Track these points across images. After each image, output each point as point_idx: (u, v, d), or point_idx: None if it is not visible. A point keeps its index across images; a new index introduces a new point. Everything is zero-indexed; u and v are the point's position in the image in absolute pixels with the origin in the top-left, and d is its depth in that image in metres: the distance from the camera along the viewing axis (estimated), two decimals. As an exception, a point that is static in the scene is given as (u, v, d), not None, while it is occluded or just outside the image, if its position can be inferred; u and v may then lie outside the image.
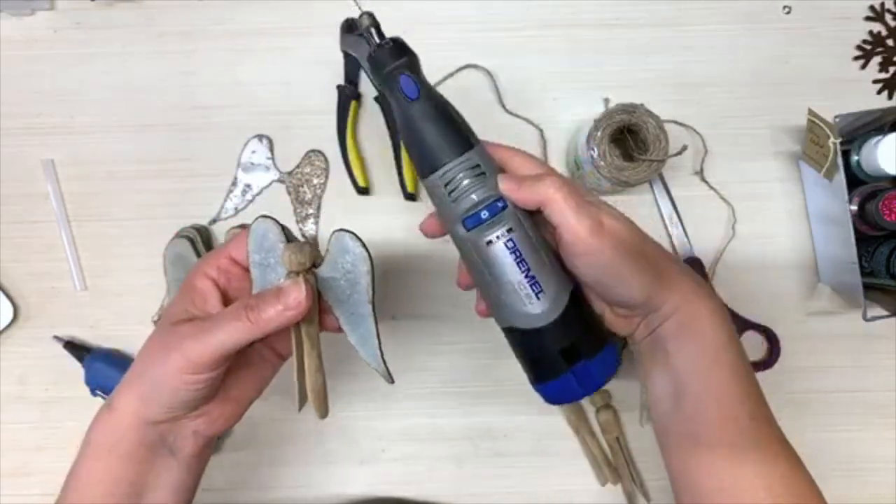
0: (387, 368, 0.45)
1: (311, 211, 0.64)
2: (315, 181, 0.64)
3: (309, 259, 0.42)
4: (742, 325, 0.63)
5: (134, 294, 0.63)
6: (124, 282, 0.64)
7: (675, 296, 0.41)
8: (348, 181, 0.64)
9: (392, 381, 0.46)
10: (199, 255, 0.60)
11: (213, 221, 0.64)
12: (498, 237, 0.41)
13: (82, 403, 0.62)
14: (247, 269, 0.44)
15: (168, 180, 0.64)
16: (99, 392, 0.61)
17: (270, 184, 0.64)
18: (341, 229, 0.43)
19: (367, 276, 0.43)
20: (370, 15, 0.42)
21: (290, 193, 0.64)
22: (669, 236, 0.64)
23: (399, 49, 0.42)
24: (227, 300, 0.43)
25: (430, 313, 0.64)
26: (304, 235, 0.64)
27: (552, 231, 0.41)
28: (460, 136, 0.42)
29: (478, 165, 0.41)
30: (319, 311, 0.45)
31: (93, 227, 0.64)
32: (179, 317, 0.42)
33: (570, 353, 0.42)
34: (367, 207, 0.64)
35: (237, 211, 0.64)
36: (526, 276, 0.41)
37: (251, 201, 0.64)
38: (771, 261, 0.64)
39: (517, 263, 0.41)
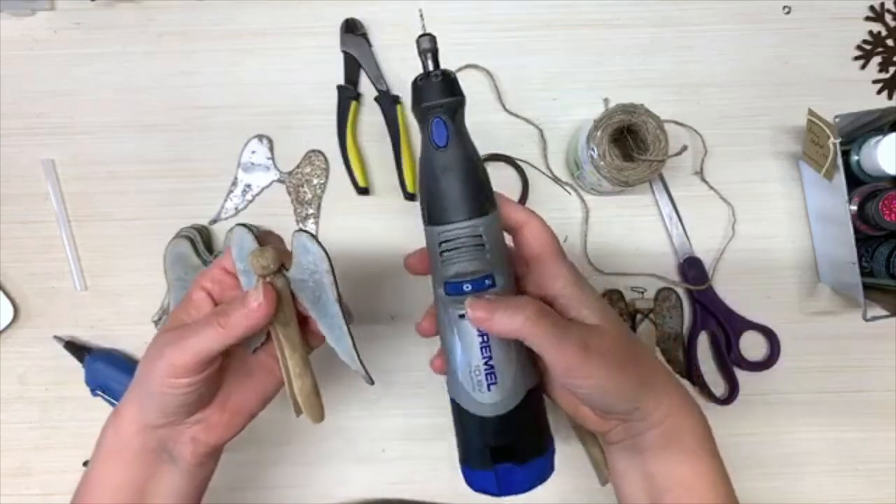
0: (364, 368, 0.45)
1: (311, 211, 0.64)
2: (315, 181, 0.64)
3: (273, 262, 0.42)
4: (742, 325, 0.63)
5: (134, 294, 0.63)
6: (124, 282, 0.64)
7: (663, 406, 0.41)
8: (348, 181, 0.64)
9: (372, 382, 0.46)
10: (199, 254, 0.60)
11: (213, 221, 0.64)
12: None
13: (82, 403, 0.62)
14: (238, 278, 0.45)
15: (168, 180, 0.64)
16: (99, 392, 0.61)
17: (270, 184, 0.64)
18: (299, 230, 0.43)
19: (328, 274, 0.43)
20: (432, 38, 0.39)
21: (290, 193, 0.64)
22: (669, 236, 0.64)
23: (446, 86, 0.38)
24: None
25: (430, 313, 0.64)
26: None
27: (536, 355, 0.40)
28: (473, 200, 0.38)
29: (479, 236, 0.38)
30: (304, 320, 0.45)
31: (93, 227, 0.64)
32: (172, 326, 0.43)
33: (501, 453, 0.40)
34: (367, 207, 0.64)
35: (237, 211, 0.64)
36: (485, 364, 0.39)
37: (251, 201, 0.64)
38: (771, 261, 0.64)
39: (481, 348, 0.39)
